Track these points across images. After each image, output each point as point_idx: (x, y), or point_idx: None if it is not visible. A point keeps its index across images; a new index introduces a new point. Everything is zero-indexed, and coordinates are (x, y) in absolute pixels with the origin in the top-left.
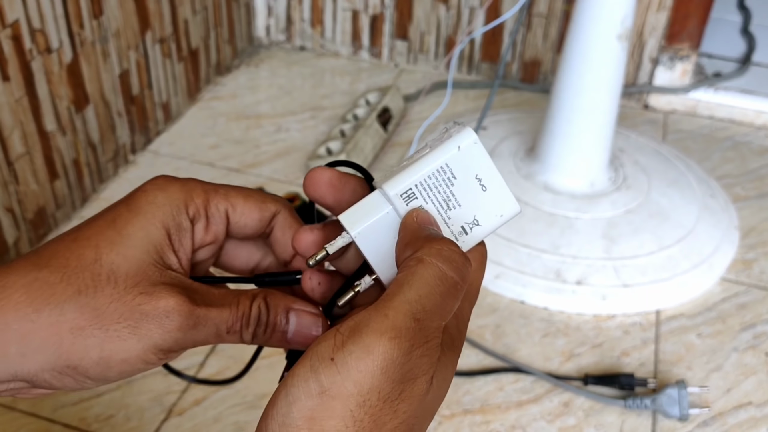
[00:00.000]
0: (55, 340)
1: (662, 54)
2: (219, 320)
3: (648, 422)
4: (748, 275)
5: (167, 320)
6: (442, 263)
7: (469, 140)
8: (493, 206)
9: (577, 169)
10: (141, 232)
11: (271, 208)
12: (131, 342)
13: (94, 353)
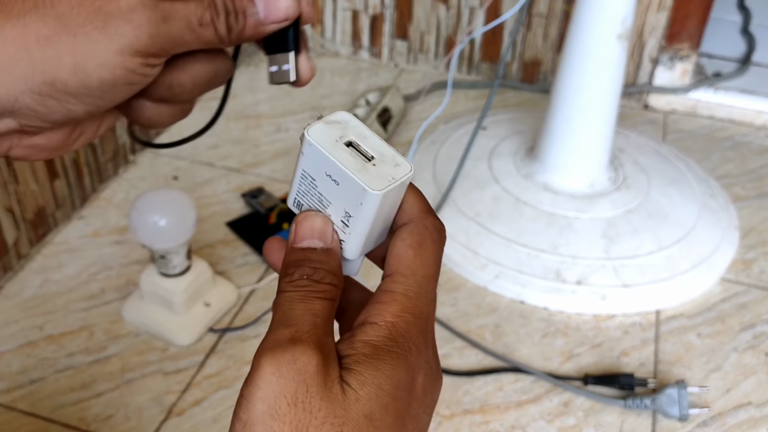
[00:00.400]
0: (24, 54)
1: (662, 54)
2: (187, 11)
3: (648, 422)
4: (747, 275)
5: (133, 14)
6: (294, 288)
7: (306, 144)
8: (351, 196)
9: (576, 168)
10: None
11: None
12: (103, 43)
13: (68, 59)
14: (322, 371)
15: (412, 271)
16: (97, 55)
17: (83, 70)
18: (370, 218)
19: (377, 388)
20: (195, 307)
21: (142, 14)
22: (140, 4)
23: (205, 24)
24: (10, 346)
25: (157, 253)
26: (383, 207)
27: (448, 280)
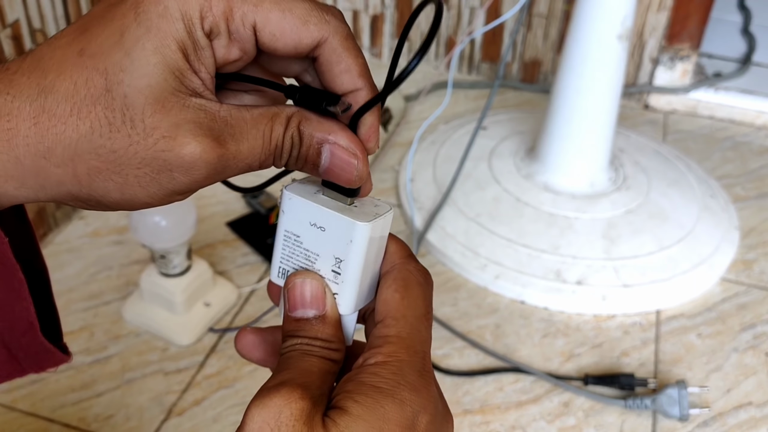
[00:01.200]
0: (73, 181)
1: (662, 54)
2: (251, 158)
3: (648, 422)
4: (748, 275)
5: (193, 170)
6: (290, 350)
7: (286, 200)
8: (339, 238)
9: (577, 169)
10: (155, 56)
11: (314, 34)
12: (153, 189)
13: (115, 195)
14: (309, 415)
15: (402, 314)
16: (145, 197)
17: (129, 203)
18: (361, 258)
19: (365, 424)
20: (195, 307)
21: (202, 170)
22: (202, 159)
23: (264, 166)
24: None
25: (157, 253)
26: (372, 246)
27: (449, 280)
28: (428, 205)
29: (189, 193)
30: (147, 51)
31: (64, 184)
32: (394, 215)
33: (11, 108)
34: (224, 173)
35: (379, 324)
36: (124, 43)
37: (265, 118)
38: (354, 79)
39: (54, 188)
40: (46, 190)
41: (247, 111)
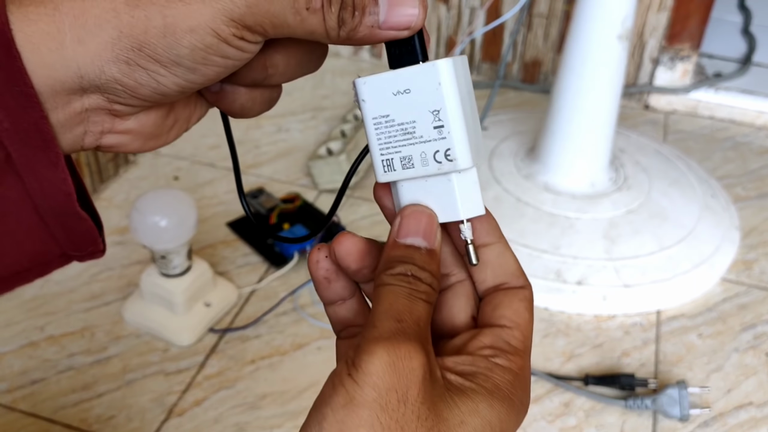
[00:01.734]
0: (111, 16)
1: (663, 54)
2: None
3: (648, 422)
4: (748, 275)
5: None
6: (398, 281)
7: (361, 87)
8: (428, 89)
9: (577, 169)
10: None
11: None
12: (196, 6)
13: (157, 21)
14: (429, 378)
15: (530, 333)
16: (189, 19)
17: (173, 34)
18: (457, 96)
19: (487, 424)
20: (195, 307)
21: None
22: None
23: (314, 10)
24: (11, 346)
25: (157, 253)
26: (461, 85)
27: None
28: None
29: (235, 28)
30: None
31: (103, 25)
32: None
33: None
34: (268, 2)
35: (506, 328)
36: None
37: None
38: None
39: (91, 38)
40: (84, 46)
41: None
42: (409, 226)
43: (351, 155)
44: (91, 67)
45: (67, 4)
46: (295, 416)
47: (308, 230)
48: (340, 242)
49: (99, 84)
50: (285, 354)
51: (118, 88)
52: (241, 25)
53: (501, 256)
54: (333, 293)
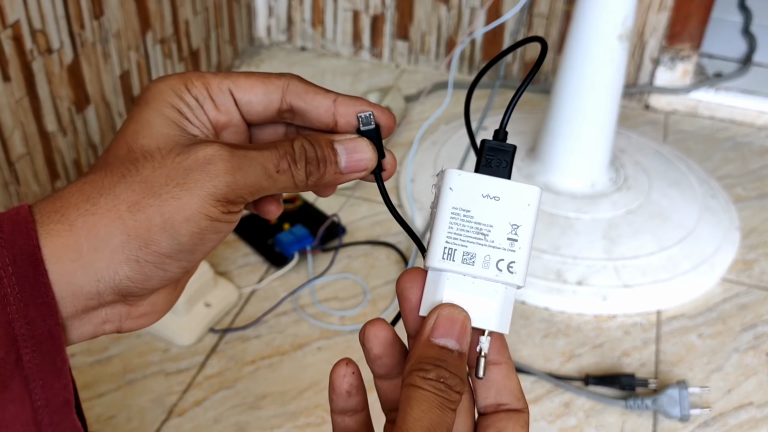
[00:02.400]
0: (118, 223)
1: (663, 54)
2: (263, 159)
3: (649, 422)
4: (748, 276)
5: (211, 166)
6: (432, 389)
7: (454, 177)
8: (515, 204)
9: (577, 169)
10: (156, 116)
11: (276, 81)
12: (185, 198)
13: (157, 220)
14: None
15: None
16: (183, 211)
17: (172, 227)
18: (535, 220)
19: None
20: (196, 307)
21: (218, 165)
22: (216, 155)
23: (282, 171)
24: None
25: None
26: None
27: None
28: (429, 206)
29: (221, 206)
30: (150, 114)
31: (112, 232)
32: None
33: (62, 192)
34: (243, 175)
35: (511, 411)
36: (134, 119)
37: (272, 142)
38: (328, 101)
39: (104, 246)
40: (99, 253)
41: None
42: (445, 326)
43: None
44: (107, 271)
45: (81, 220)
46: (295, 416)
47: (308, 230)
48: (374, 324)
49: (113, 285)
50: (285, 354)
51: (131, 285)
52: (225, 202)
53: (507, 377)
54: (348, 405)
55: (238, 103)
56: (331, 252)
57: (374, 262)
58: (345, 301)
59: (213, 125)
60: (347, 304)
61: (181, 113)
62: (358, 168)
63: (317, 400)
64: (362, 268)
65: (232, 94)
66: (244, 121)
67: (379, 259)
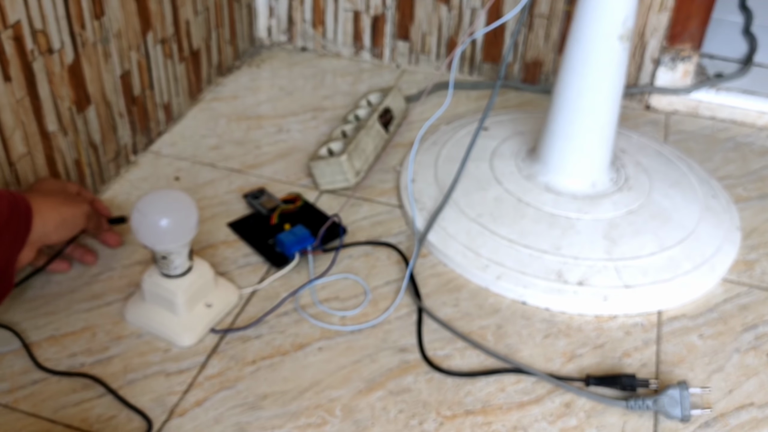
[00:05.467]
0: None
1: (664, 55)
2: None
3: (650, 423)
4: (749, 276)
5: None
6: None
7: None
8: None
9: (578, 169)
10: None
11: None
12: (26, 250)
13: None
14: None
15: None
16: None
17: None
18: None
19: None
20: (197, 307)
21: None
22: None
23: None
24: (12, 346)
25: (158, 254)
26: None
27: (450, 280)
28: (429, 206)
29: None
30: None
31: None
32: (397, 215)
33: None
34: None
35: None
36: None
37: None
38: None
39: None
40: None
41: None
42: None
43: (352, 156)
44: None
45: (37, 218)
46: (296, 416)
47: (309, 230)
48: None
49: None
50: (286, 354)
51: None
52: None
53: None
54: None
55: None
56: (331, 252)
57: (375, 262)
58: (346, 301)
59: None
60: (348, 304)
61: None
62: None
63: (318, 400)
64: (363, 269)
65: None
66: None
67: (380, 259)
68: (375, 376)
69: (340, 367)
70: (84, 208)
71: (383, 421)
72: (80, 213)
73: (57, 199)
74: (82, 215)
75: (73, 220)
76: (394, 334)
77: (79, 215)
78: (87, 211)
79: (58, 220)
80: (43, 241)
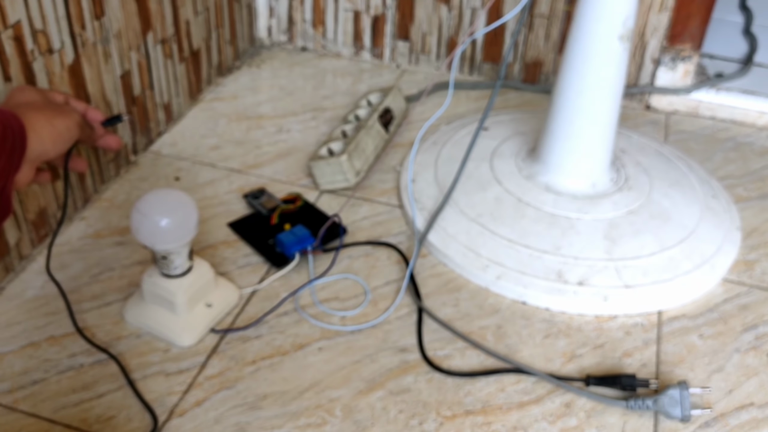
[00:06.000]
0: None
1: (664, 55)
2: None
3: (650, 423)
4: (749, 276)
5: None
6: None
7: None
8: None
9: (578, 169)
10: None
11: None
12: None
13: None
14: None
15: None
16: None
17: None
18: None
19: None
20: (197, 307)
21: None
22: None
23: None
24: (12, 347)
25: (158, 254)
26: None
27: (450, 280)
28: (430, 206)
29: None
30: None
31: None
32: (397, 215)
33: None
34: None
35: None
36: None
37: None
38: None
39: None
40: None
41: None
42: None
43: (352, 156)
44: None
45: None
46: (296, 416)
47: (309, 230)
48: None
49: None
50: (286, 354)
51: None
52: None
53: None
54: None
55: None
56: (332, 252)
57: (375, 262)
58: (346, 301)
59: None
60: (348, 304)
61: None
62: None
63: (318, 400)
64: (363, 269)
65: None
66: None
67: (380, 259)
68: (375, 376)
69: (340, 367)
70: (76, 118)
71: (383, 421)
72: (73, 123)
73: (49, 112)
74: (75, 125)
75: (68, 132)
76: (394, 334)
77: (72, 126)
78: (79, 120)
79: (53, 134)
80: (42, 158)
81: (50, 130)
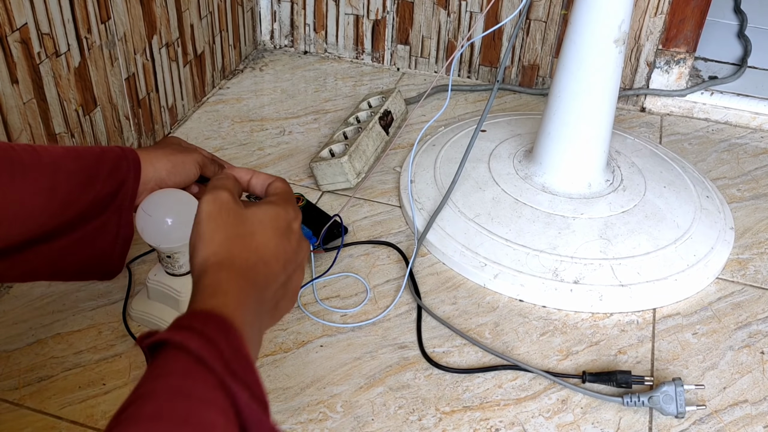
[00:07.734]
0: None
1: (659, 58)
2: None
3: (645, 419)
4: (743, 275)
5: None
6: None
7: None
8: None
9: (574, 170)
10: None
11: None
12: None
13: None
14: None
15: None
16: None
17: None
18: None
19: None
20: None
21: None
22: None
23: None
24: (19, 344)
25: (164, 252)
26: None
27: (448, 279)
28: (429, 206)
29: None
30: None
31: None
32: (397, 215)
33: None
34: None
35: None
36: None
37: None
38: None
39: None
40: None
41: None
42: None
43: (352, 157)
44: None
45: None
46: (298, 412)
47: (311, 230)
48: None
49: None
50: (288, 351)
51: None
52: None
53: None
54: None
55: None
56: (333, 251)
57: (375, 261)
58: (347, 299)
59: None
60: (349, 302)
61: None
62: None
63: (319, 396)
64: (363, 267)
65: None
66: None
67: (380, 258)
68: (375, 373)
69: (341, 363)
70: (195, 156)
71: (383, 417)
72: (190, 159)
73: (170, 150)
74: (193, 161)
75: (184, 166)
76: (393, 332)
77: (189, 161)
78: (199, 159)
79: (168, 165)
80: (160, 186)
81: (166, 161)
